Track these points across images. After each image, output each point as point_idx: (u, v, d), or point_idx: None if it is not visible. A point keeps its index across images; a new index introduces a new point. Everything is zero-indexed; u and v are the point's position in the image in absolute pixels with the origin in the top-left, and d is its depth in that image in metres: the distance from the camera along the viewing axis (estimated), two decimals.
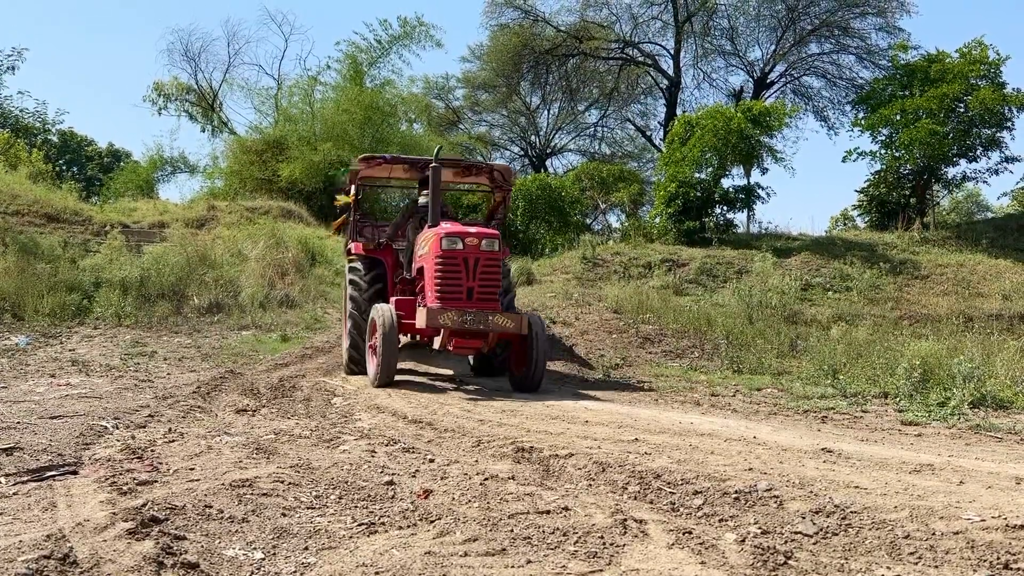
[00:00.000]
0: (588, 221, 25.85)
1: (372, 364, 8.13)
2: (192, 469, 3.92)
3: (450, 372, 9.60)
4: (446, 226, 8.17)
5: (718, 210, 21.11)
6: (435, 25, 35.33)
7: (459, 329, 7.59)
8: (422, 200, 9.27)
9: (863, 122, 22.32)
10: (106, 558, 2.56)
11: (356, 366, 9.01)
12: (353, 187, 9.95)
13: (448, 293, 7.82)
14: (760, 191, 21.13)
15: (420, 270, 8.50)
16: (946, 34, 72.93)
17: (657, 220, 21.07)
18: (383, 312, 7.94)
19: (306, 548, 2.79)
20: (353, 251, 9.74)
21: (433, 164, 8.50)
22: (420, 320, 7.73)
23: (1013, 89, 20.52)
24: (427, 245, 8.17)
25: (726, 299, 14.77)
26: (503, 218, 10.33)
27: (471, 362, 9.84)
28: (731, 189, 21.14)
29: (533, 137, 36.21)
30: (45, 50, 68.11)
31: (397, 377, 8.19)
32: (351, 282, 9.36)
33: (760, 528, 3.01)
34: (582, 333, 11.87)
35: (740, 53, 30.74)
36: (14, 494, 3.43)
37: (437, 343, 7.90)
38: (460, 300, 7.81)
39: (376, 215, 10.65)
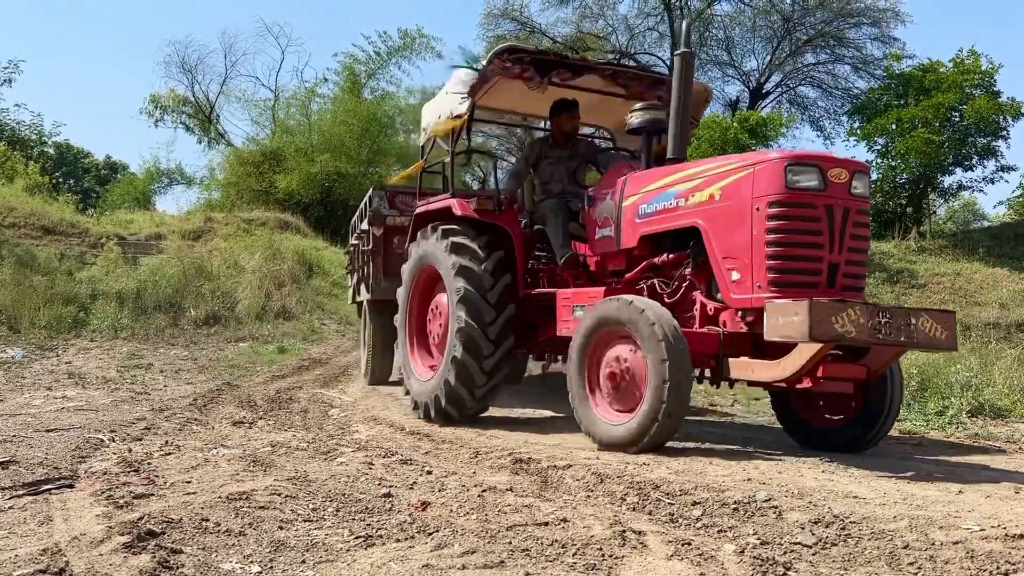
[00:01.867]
0: None
1: (610, 412, 4.82)
2: (189, 482, 3.91)
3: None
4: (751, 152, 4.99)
5: None
6: (436, 37, 35.48)
7: (859, 343, 4.09)
8: (636, 121, 5.47)
9: (859, 132, 22.44)
10: (102, 572, 2.55)
11: (458, 409, 5.79)
12: (468, 102, 6.01)
13: (795, 273, 4.36)
14: None
15: (652, 239, 5.25)
16: (939, 41, 73.41)
17: None
18: (661, 317, 4.41)
19: (303, 561, 2.78)
20: (458, 211, 5.97)
21: (683, 51, 5.19)
22: (792, 324, 3.96)
23: (1008, 98, 20.66)
24: (715, 187, 4.69)
25: None
26: None
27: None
28: None
29: None
30: (42, 62, 68.25)
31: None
32: (461, 270, 5.68)
33: (759, 539, 3.00)
34: None
35: (736, 63, 30.91)
36: (9, 508, 3.42)
37: (778, 370, 4.33)
38: (816, 287, 4.34)
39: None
